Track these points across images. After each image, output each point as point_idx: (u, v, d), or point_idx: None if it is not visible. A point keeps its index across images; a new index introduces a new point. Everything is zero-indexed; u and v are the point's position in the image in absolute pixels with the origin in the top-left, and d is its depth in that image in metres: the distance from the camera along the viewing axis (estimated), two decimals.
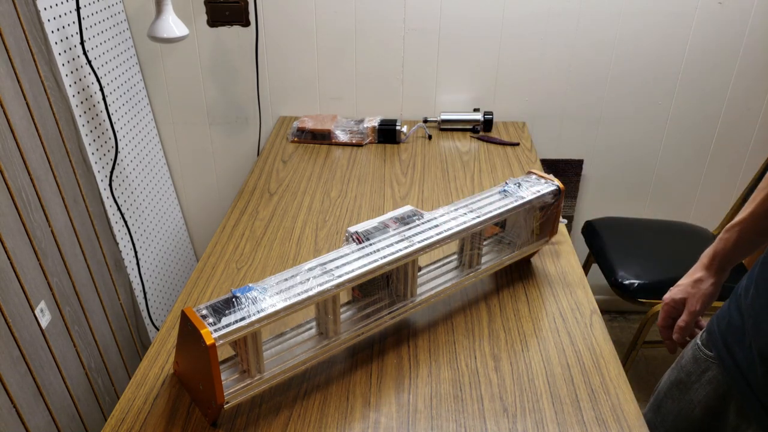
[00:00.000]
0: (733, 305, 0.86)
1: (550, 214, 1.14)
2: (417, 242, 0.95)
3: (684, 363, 0.95)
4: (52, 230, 1.35)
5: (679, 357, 0.98)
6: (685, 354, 0.96)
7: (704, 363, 0.90)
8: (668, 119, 1.92)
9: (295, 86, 1.92)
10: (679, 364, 0.96)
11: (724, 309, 0.88)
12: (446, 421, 0.87)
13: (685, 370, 0.94)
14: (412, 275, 0.98)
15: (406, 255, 0.93)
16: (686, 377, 0.94)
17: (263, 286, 0.85)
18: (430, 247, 0.96)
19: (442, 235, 0.97)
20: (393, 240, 0.95)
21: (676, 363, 0.98)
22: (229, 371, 0.87)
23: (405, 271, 0.98)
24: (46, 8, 1.38)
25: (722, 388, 0.87)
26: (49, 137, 1.36)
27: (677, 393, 0.95)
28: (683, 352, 0.97)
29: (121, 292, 1.65)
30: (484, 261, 1.11)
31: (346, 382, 0.94)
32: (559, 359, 0.98)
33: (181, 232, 2.13)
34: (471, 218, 1.02)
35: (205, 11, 1.80)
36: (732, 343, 0.84)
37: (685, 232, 1.87)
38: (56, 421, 1.30)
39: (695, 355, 0.92)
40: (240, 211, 1.41)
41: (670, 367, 1.01)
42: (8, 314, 1.16)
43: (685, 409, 0.93)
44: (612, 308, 2.32)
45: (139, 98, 1.86)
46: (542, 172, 1.17)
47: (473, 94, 1.92)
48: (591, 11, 1.77)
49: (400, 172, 1.60)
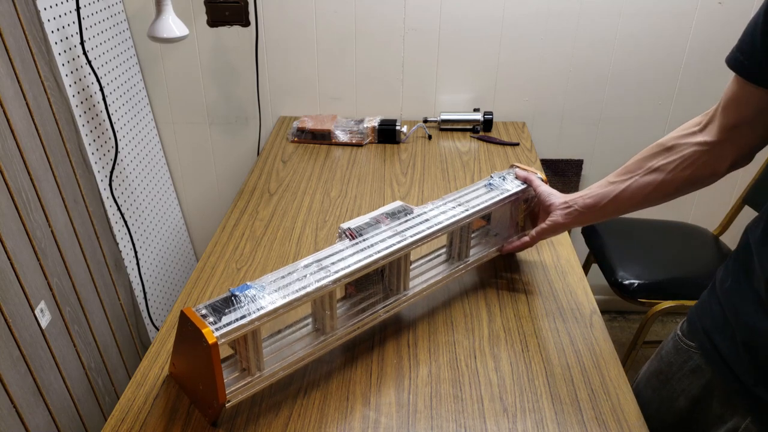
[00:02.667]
0: (713, 297, 0.86)
1: (534, 206, 1.16)
2: (409, 236, 0.97)
3: (665, 354, 0.95)
4: (52, 230, 1.34)
5: (659, 349, 0.98)
6: (665, 345, 0.96)
7: (686, 353, 0.90)
8: (668, 119, 1.92)
9: (295, 86, 1.92)
10: (659, 354, 0.97)
11: (704, 300, 0.89)
12: (446, 421, 0.87)
13: (666, 360, 0.94)
14: (405, 269, 1.00)
15: (400, 249, 0.95)
16: (667, 367, 0.94)
17: (261, 284, 0.85)
18: (422, 240, 0.98)
19: (433, 229, 0.99)
20: (385, 235, 0.96)
21: (656, 354, 0.98)
22: (229, 370, 0.87)
23: (398, 266, 0.99)
24: (46, 8, 1.38)
25: (705, 377, 0.87)
26: (49, 137, 1.36)
27: (657, 383, 0.96)
28: (663, 344, 0.97)
29: (121, 292, 1.65)
30: (473, 253, 1.13)
31: (346, 381, 0.94)
32: (559, 359, 0.98)
33: (181, 232, 2.13)
34: (460, 212, 1.04)
35: (205, 11, 1.80)
36: (714, 333, 0.84)
37: (685, 232, 1.87)
38: (56, 421, 1.30)
39: (676, 345, 0.92)
40: (240, 211, 1.41)
41: (649, 359, 1.01)
42: (8, 314, 1.16)
43: (668, 399, 0.93)
44: (612, 308, 2.32)
45: (139, 98, 1.86)
46: (529, 167, 1.19)
47: (473, 94, 1.92)
48: (591, 11, 1.77)
49: (400, 172, 1.60)
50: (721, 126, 0.82)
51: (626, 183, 0.94)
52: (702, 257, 1.77)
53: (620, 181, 0.95)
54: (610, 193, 0.97)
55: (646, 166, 0.92)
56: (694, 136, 0.86)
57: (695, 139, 0.85)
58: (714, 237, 1.85)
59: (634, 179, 0.93)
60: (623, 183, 0.95)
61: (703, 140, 0.84)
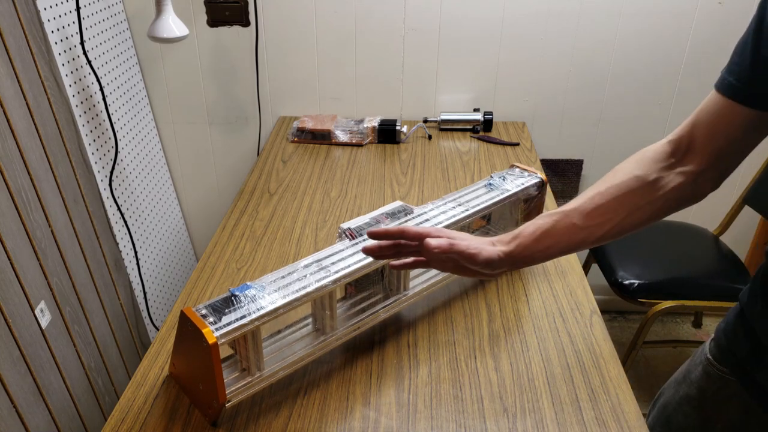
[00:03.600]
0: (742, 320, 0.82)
1: (533, 206, 1.17)
2: None
3: (695, 379, 0.90)
4: (52, 230, 1.34)
5: (686, 372, 0.93)
6: (693, 370, 0.91)
7: (719, 380, 0.85)
8: (668, 119, 1.92)
9: (295, 86, 1.92)
10: (688, 378, 0.92)
11: (732, 323, 0.84)
12: (446, 421, 0.87)
13: (697, 385, 0.89)
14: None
15: None
16: (699, 393, 0.89)
17: (261, 284, 0.85)
18: None
19: None
20: None
21: (684, 377, 0.93)
22: (229, 370, 0.87)
23: None
24: (46, 8, 1.38)
25: (743, 405, 0.83)
26: (49, 137, 1.36)
27: (690, 410, 0.91)
28: (689, 367, 0.92)
29: (121, 292, 1.65)
30: None
31: (346, 381, 0.94)
32: (559, 359, 0.98)
33: (181, 232, 2.13)
34: (460, 212, 1.04)
35: (205, 11, 1.80)
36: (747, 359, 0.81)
37: (685, 232, 1.87)
38: (56, 421, 1.30)
39: (707, 371, 0.87)
40: (240, 211, 1.41)
41: (674, 379, 0.96)
42: (8, 314, 1.16)
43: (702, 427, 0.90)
44: (612, 308, 2.31)
45: (139, 98, 1.86)
46: (530, 167, 1.19)
47: (473, 94, 1.92)
48: (591, 11, 1.77)
49: (400, 172, 1.60)
50: (708, 152, 0.77)
51: (606, 228, 0.80)
52: (702, 257, 1.77)
53: (597, 225, 0.81)
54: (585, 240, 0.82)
55: (628, 204, 0.80)
56: (675, 167, 0.79)
57: (678, 169, 0.79)
58: (714, 237, 1.85)
59: (616, 223, 0.80)
60: (601, 228, 0.81)
61: (687, 170, 0.78)
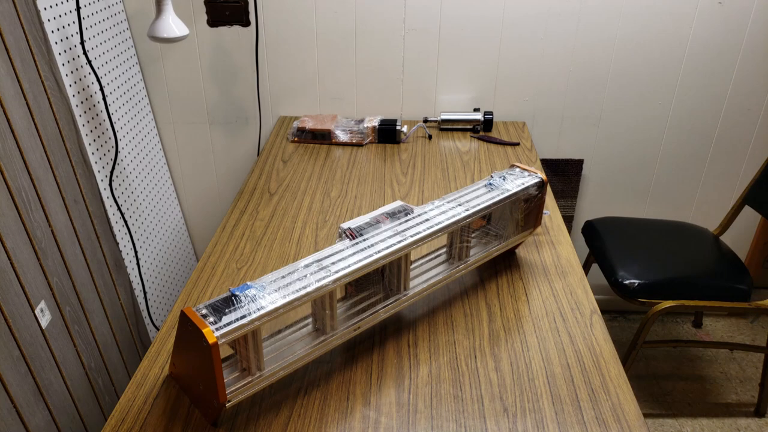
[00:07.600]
0: None
1: (534, 205, 1.17)
2: (409, 236, 0.97)
3: None
4: (52, 230, 1.35)
5: None
6: None
7: None
8: (668, 119, 1.92)
9: (295, 86, 1.92)
10: None
11: None
12: (446, 421, 0.87)
13: None
14: (405, 269, 1.00)
15: (400, 249, 0.94)
16: None
17: (261, 284, 0.85)
18: (422, 240, 0.98)
19: (433, 229, 0.99)
20: (386, 235, 0.96)
21: None
22: (229, 370, 0.87)
23: (398, 265, 0.99)
24: (46, 8, 1.38)
25: None
26: (49, 137, 1.36)
27: None
28: None
29: (121, 292, 1.65)
30: (473, 253, 1.14)
31: (346, 381, 0.94)
32: (559, 359, 0.98)
33: (181, 232, 2.13)
34: (460, 212, 1.04)
35: (205, 11, 1.80)
36: None
37: (685, 232, 1.87)
38: (56, 421, 1.30)
39: None
40: (240, 211, 1.41)
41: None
42: (8, 314, 1.16)
43: None
44: (612, 308, 2.32)
45: (139, 98, 1.86)
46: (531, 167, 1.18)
47: (473, 94, 1.92)
48: (591, 11, 1.77)
49: (400, 172, 1.60)
50: None
51: None
52: (702, 257, 1.77)
53: None
54: None
55: None
56: None
57: None
58: (714, 237, 1.85)
59: None
60: None
61: None
